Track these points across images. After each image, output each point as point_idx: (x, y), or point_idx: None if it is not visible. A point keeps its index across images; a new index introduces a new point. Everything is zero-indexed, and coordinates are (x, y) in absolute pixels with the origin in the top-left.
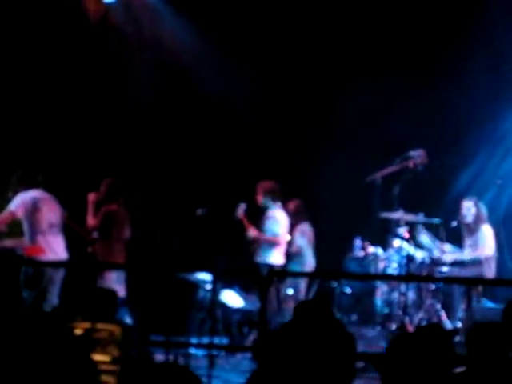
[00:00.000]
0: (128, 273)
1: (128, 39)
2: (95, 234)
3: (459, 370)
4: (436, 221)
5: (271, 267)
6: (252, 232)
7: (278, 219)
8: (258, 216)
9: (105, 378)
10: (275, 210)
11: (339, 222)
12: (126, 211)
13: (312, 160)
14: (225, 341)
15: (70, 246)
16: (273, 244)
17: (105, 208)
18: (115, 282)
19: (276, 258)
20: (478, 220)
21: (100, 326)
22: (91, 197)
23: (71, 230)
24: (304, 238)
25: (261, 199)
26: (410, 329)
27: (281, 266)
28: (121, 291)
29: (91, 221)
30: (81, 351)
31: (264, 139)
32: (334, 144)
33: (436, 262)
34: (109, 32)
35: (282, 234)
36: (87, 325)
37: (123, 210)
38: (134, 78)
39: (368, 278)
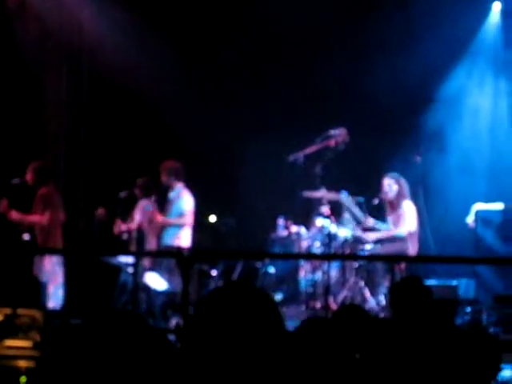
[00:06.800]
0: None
1: (47, 26)
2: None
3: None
4: (358, 199)
5: (179, 249)
6: (157, 217)
7: (184, 199)
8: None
9: (27, 363)
10: (180, 191)
11: (262, 202)
12: (58, 193)
13: (234, 139)
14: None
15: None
16: (180, 225)
17: (39, 192)
18: (56, 264)
19: (184, 239)
20: (399, 196)
21: (21, 311)
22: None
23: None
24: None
25: (165, 178)
26: (334, 307)
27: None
28: (60, 274)
29: (37, 217)
30: None
31: (187, 118)
32: (256, 123)
33: (359, 240)
34: (27, 19)
35: (188, 213)
36: (8, 310)
37: (55, 192)
38: (52, 63)
39: (291, 257)
